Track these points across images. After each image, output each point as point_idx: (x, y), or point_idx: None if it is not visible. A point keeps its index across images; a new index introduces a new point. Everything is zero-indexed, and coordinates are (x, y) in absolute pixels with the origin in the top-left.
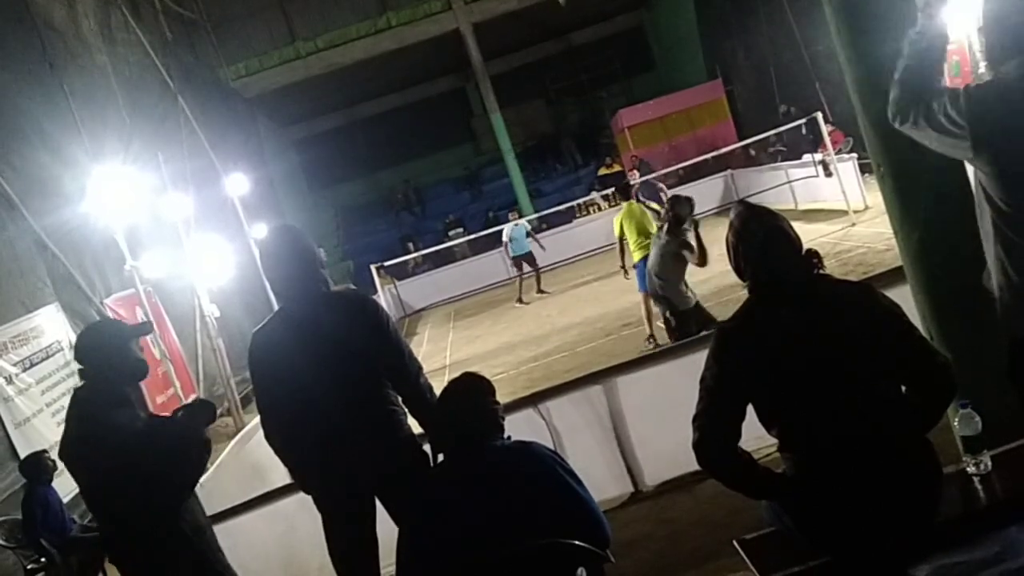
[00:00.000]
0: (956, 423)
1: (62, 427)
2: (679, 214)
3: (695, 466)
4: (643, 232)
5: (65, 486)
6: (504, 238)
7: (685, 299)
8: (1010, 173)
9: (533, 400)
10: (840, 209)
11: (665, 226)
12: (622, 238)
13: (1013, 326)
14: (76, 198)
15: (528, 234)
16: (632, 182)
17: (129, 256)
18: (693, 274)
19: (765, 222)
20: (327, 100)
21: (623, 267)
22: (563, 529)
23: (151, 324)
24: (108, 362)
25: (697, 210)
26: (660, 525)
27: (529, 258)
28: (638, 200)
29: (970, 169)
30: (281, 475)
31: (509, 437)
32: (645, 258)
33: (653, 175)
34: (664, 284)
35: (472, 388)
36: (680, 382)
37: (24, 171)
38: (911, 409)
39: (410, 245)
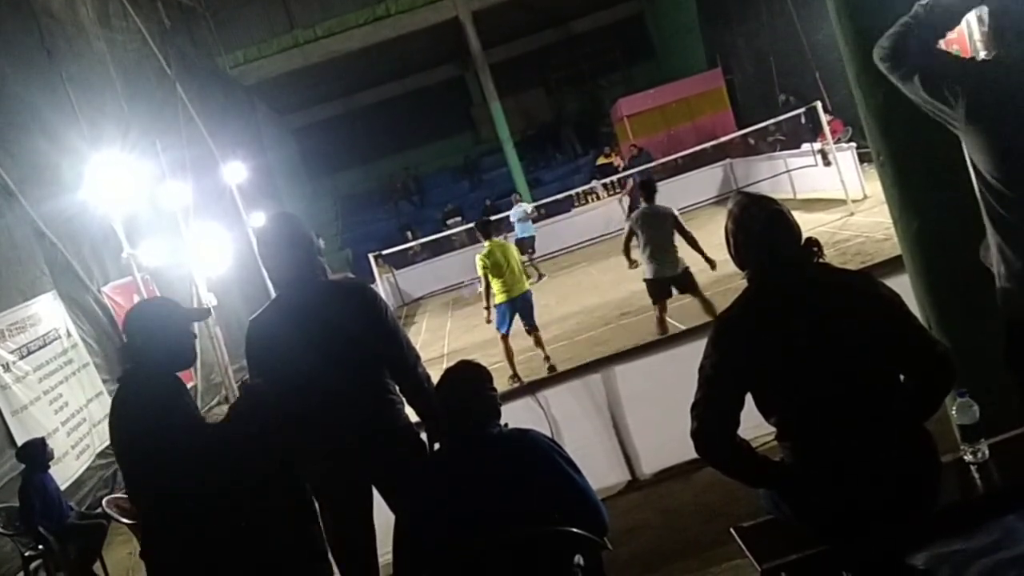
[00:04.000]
0: (954, 412)
1: (59, 415)
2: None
3: (693, 454)
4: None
5: (62, 473)
6: (514, 219)
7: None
8: (1001, 148)
9: (531, 389)
10: (839, 198)
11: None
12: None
13: (1009, 307)
14: (74, 186)
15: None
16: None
17: (127, 244)
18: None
19: (765, 207)
20: (326, 88)
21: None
22: (561, 517)
23: (209, 310)
24: (167, 345)
25: (696, 199)
26: (657, 513)
27: (529, 242)
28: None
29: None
30: None
31: (506, 424)
32: None
33: (651, 164)
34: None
35: (470, 376)
36: (678, 371)
37: (22, 159)
38: (910, 397)
39: (409, 234)
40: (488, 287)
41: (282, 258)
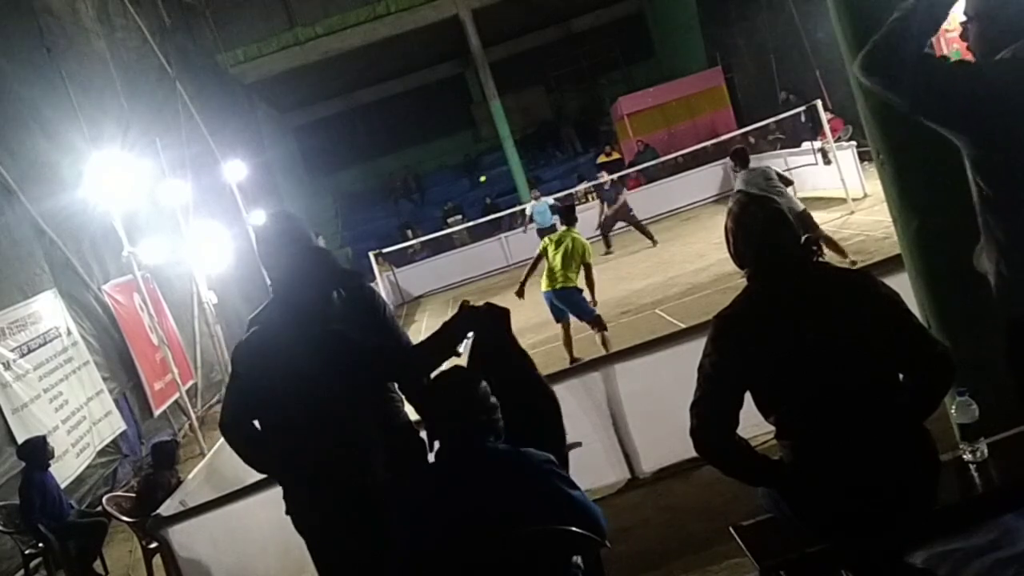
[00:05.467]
0: (953, 411)
1: (59, 413)
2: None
3: (692, 453)
4: None
5: (62, 471)
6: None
7: None
8: (994, 157)
9: None
10: (839, 197)
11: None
12: None
13: (1004, 309)
14: (74, 184)
15: (554, 209)
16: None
17: (127, 242)
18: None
19: (765, 205)
20: (326, 86)
21: None
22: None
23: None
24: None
25: (696, 198)
26: (657, 511)
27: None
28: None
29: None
30: None
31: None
32: None
33: (655, 161)
34: None
35: (462, 385)
36: (678, 369)
37: (22, 157)
38: (909, 396)
39: (409, 232)
40: (534, 267)
41: (281, 256)
